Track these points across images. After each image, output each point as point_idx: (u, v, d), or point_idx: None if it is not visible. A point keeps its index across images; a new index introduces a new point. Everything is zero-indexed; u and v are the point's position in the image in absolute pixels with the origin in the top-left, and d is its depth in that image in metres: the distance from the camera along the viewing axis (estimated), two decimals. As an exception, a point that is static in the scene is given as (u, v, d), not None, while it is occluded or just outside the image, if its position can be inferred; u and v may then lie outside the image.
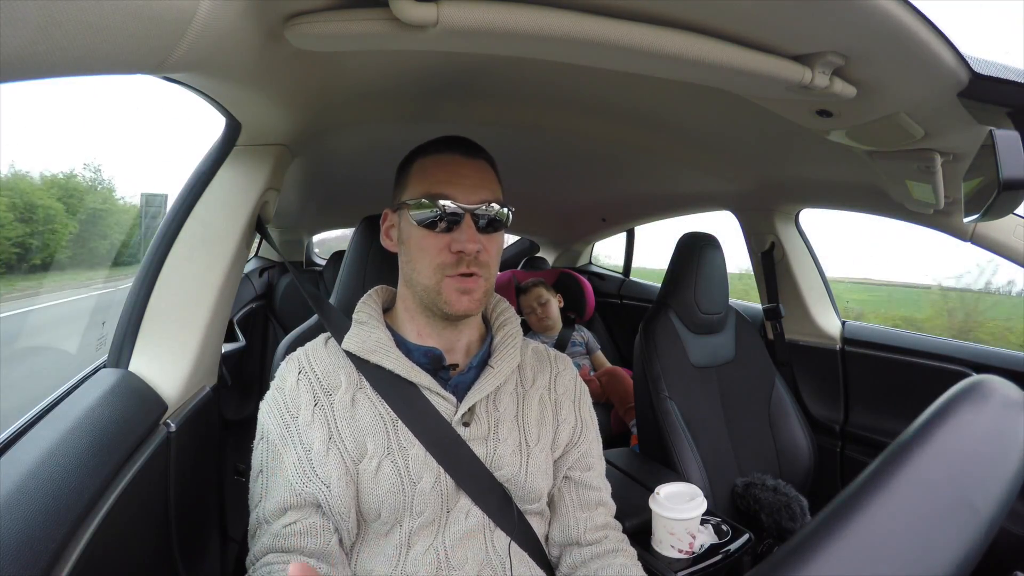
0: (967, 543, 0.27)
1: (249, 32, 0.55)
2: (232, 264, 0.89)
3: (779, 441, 1.42)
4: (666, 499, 0.99)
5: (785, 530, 1.18)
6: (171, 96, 0.73)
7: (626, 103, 1.07)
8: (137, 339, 0.81)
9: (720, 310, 1.42)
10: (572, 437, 0.78)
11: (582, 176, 1.82)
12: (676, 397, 1.30)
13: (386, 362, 0.69)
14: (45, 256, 2.61)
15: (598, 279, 2.70)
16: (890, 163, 0.93)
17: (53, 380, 0.81)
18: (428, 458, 0.67)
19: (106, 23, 0.37)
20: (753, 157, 1.32)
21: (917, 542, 0.28)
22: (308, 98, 0.88)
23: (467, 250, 0.67)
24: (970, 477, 0.30)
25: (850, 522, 0.29)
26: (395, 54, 0.79)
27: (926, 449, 0.31)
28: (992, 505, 0.29)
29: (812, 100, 0.74)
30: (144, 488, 0.65)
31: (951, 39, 0.59)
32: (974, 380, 0.36)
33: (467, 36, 0.57)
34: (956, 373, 1.32)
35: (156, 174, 5.87)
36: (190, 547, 0.79)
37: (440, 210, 0.68)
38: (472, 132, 0.81)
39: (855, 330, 1.57)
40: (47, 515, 0.48)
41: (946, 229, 1.21)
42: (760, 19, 0.58)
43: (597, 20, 0.57)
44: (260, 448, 0.68)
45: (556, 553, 0.76)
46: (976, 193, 0.73)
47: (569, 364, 0.84)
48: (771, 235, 1.64)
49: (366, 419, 0.68)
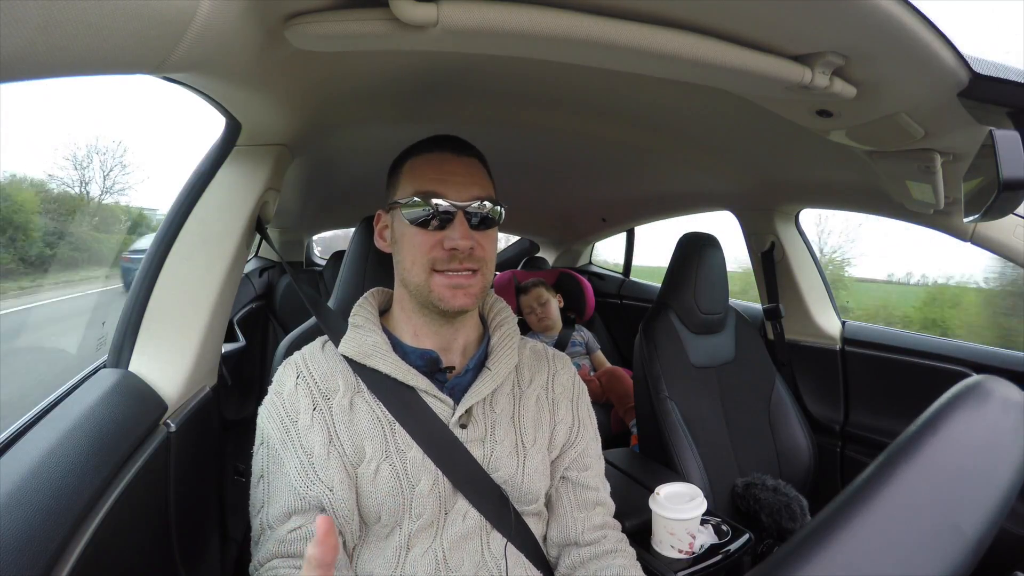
0: (972, 535, 0.28)
1: (249, 32, 0.55)
2: (232, 264, 0.89)
3: (779, 441, 1.42)
4: (666, 499, 0.99)
5: (785, 530, 1.18)
6: (171, 96, 0.73)
7: (626, 103, 1.07)
8: (137, 339, 0.81)
9: (720, 310, 1.42)
10: (569, 437, 0.78)
11: (582, 176, 1.81)
12: (676, 397, 1.30)
13: (382, 366, 0.69)
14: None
15: (598, 279, 2.70)
16: (890, 163, 0.93)
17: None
18: (426, 460, 0.67)
19: (106, 23, 0.37)
20: (753, 157, 1.32)
21: (917, 542, 0.28)
22: (308, 98, 0.88)
23: (459, 247, 0.67)
24: (970, 477, 0.30)
25: (851, 522, 0.29)
26: (395, 54, 0.79)
27: (926, 449, 0.31)
28: (993, 502, 0.29)
29: (812, 100, 0.74)
30: (144, 488, 0.65)
31: (951, 39, 0.59)
32: (974, 380, 0.36)
33: (467, 36, 0.57)
34: (956, 373, 1.32)
35: (156, 176, 5.84)
36: (190, 547, 0.79)
37: (432, 208, 0.68)
38: (472, 131, 0.81)
39: (855, 330, 1.57)
40: (47, 515, 0.48)
41: (946, 229, 1.21)
42: (760, 19, 0.58)
43: (597, 20, 0.57)
44: (261, 454, 0.68)
45: (555, 554, 0.76)
46: (976, 193, 0.73)
47: (567, 363, 0.84)
48: (771, 235, 1.64)
49: (364, 423, 0.67)
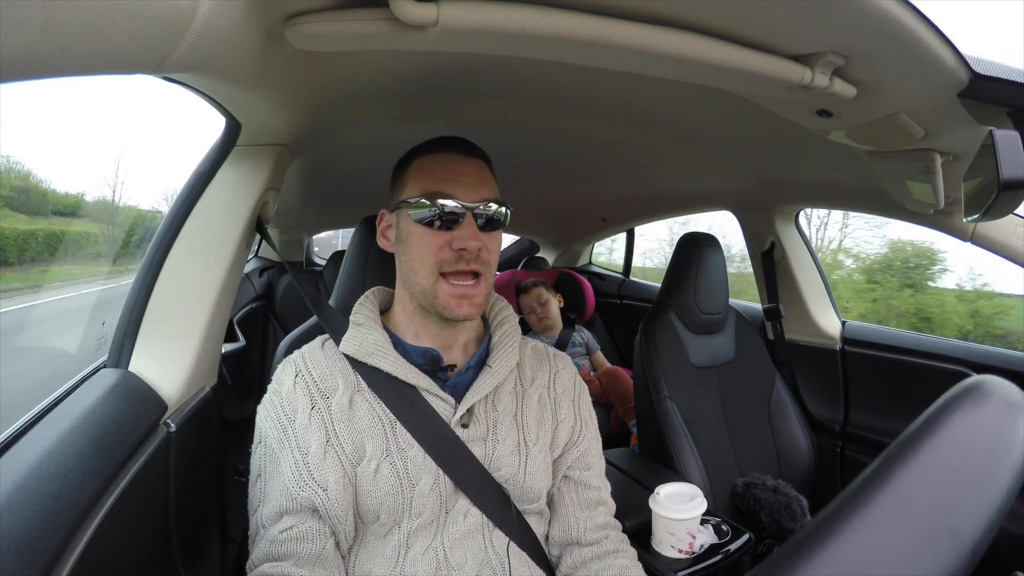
0: (970, 537, 0.28)
1: (249, 32, 0.55)
2: (232, 264, 0.89)
3: (779, 441, 1.42)
4: (666, 499, 0.99)
5: (785, 530, 1.18)
6: (170, 96, 0.73)
7: (626, 103, 1.07)
8: (137, 339, 0.81)
9: (720, 310, 1.42)
10: (571, 436, 0.78)
11: (582, 176, 1.81)
12: (676, 397, 1.30)
13: (384, 364, 0.69)
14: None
15: (598, 279, 2.70)
16: (890, 163, 0.93)
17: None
18: (427, 459, 0.67)
19: (106, 23, 0.37)
20: (753, 157, 1.32)
21: (916, 543, 0.28)
22: (308, 98, 0.88)
23: (469, 247, 0.67)
24: (970, 478, 0.30)
25: (850, 522, 0.29)
26: (395, 54, 0.78)
27: (925, 450, 0.31)
28: (993, 503, 0.29)
29: (812, 100, 0.74)
30: (144, 488, 0.65)
31: (951, 39, 0.59)
32: (973, 381, 0.36)
33: (467, 36, 0.56)
34: (956, 373, 1.32)
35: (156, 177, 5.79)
36: (190, 547, 0.79)
37: (440, 209, 0.68)
38: (472, 131, 0.81)
39: (855, 330, 1.57)
40: (47, 515, 0.48)
41: (946, 229, 1.21)
42: (760, 19, 0.58)
43: (597, 20, 0.56)
44: (258, 452, 0.68)
45: (556, 553, 0.76)
46: (976, 193, 0.73)
47: (568, 363, 0.84)
48: (771, 235, 1.64)
49: (364, 421, 0.67)
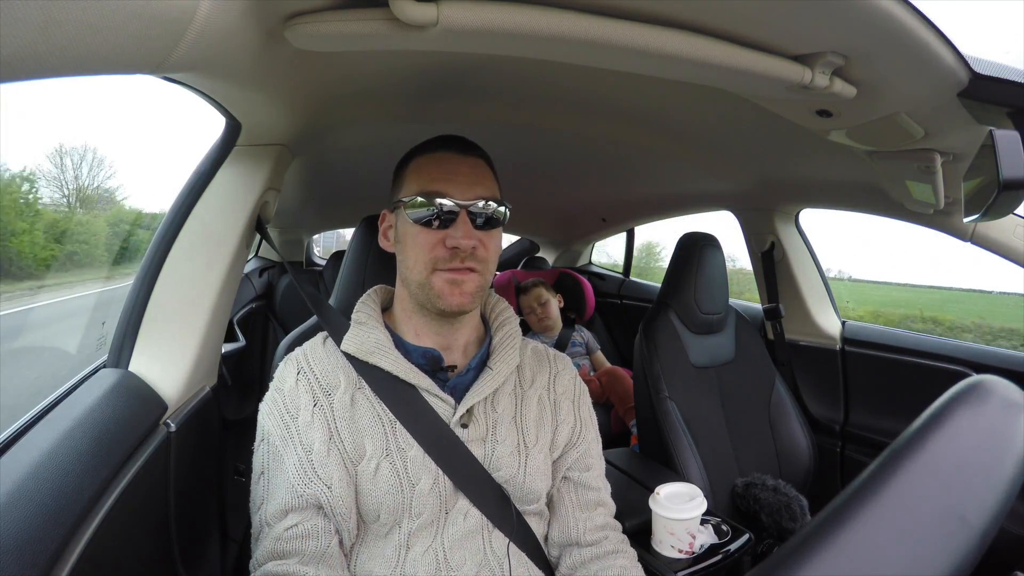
0: (981, 521, 0.28)
1: (249, 32, 0.55)
2: (232, 264, 0.89)
3: (779, 441, 1.42)
4: (666, 499, 0.99)
5: (785, 530, 1.18)
6: (170, 96, 0.73)
7: (626, 103, 1.07)
8: (137, 339, 0.81)
9: (720, 310, 1.42)
10: (571, 437, 0.78)
11: (582, 176, 1.81)
12: (676, 397, 1.30)
13: (384, 363, 0.69)
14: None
15: (598, 279, 2.70)
16: (890, 163, 0.93)
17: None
18: (426, 459, 0.67)
19: (106, 23, 0.37)
20: (753, 157, 1.32)
21: (917, 543, 0.28)
22: (308, 98, 0.88)
23: (462, 246, 0.66)
24: (970, 478, 0.30)
25: (851, 521, 0.29)
26: (395, 54, 0.79)
27: (926, 449, 0.31)
28: (992, 503, 0.29)
29: (812, 100, 0.74)
30: (144, 488, 0.65)
31: (951, 39, 0.59)
32: (973, 380, 0.36)
33: (467, 36, 0.56)
34: (956, 373, 1.32)
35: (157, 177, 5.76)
36: (190, 547, 0.79)
37: (436, 207, 0.67)
38: (472, 131, 0.80)
39: (855, 330, 1.57)
40: (47, 515, 0.48)
41: (946, 229, 1.21)
42: (760, 19, 0.58)
43: (597, 20, 0.56)
44: (261, 450, 0.68)
45: (556, 554, 0.76)
46: (976, 193, 0.73)
47: (568, 364, 0.84)
48: (771, 235, 1.64)
49: (364, 420, 0.67)
